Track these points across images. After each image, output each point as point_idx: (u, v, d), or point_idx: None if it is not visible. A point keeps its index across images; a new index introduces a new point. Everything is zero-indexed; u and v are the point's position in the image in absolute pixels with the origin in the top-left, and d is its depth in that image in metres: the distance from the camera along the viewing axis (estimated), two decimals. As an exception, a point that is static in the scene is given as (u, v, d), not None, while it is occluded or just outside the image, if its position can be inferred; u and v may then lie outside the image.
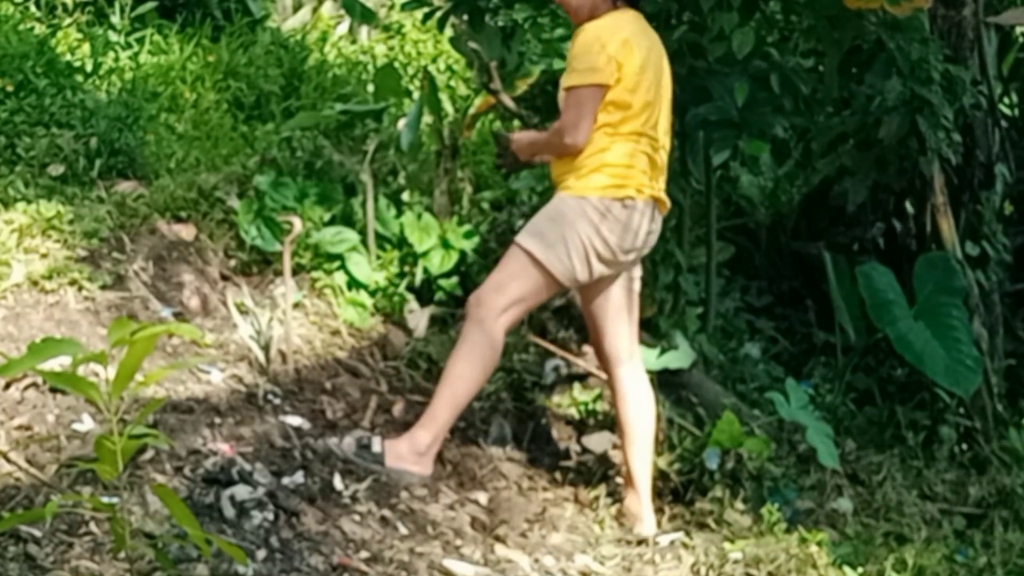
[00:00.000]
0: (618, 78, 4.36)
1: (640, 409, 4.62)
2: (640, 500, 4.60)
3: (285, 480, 4.13)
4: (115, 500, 3.31)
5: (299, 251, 5.50)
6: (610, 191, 4.38)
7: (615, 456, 4.97)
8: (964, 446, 6.12)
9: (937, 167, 6.38)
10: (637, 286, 4.68)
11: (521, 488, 4.79)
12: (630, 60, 4.38)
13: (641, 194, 4.42)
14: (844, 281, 6.51)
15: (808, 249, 6.97)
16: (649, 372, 5.31)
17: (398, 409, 4.93)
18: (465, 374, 4.41)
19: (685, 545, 4.38)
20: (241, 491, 3.92)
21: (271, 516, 3.87)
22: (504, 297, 4.42)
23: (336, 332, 5.30)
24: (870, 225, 6.86)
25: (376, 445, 4.44)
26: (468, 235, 5.77)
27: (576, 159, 4.41)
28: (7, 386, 4.16)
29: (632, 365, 4.66)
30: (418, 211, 5.84)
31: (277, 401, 4.68)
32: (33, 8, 7.62)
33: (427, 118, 6.16)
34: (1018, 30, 7.46)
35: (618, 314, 4.61)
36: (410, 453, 4.42)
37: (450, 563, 4.01)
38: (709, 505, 4.69)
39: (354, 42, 9.62)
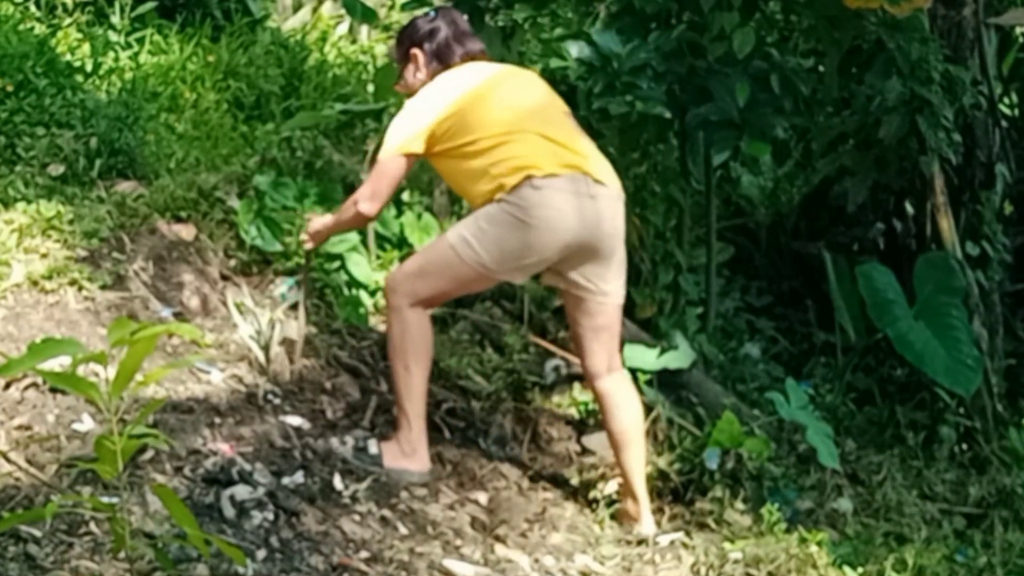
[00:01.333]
0: (440, 133, 4.50)
1: (626, 417, 4.61)
2: (639, 504, 4.60)
3: (285, 480, 4.13)
4: (115, 500, 3.31)
5: (299, 251, 5.49)
6: (513, 178, 4.36)
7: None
8: (964, 446, 6.12)
9: (937, 167, 6.38)
10: (612, 300, 4.58)
11: (521, 488, 4.79)
12: (458, 105, 4.50)
13: (542, 170, 4.36)
14: (844, 281, 6.51)
15: (808, 249, 6.97)
16: (649, 372, 5.32)
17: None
18: (405, 364, 4.52)
19: (685, 545, 4.38)
20: (241, 491, 3.92)
21: (271, 516, 3.88)
22: (422, 283, 4.52)
23: (336, 332, 5.30)
24: (870, 225, 6.86)
25: (373, 447, 4.51)
26: (468, 235, 5.76)
27: (479, 178, 4.47)
28: (7, 386, 4.16)
29: (612, 376, 4.63)
30: (418, 211, 5.84)
31: (277, 401, 4.68)
32: (33, 8, 7.61)
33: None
34: (1018, 30, 7.47)
35: (587, 332, 4.58)
36: (402, 453, 4.49)
37: (450, 563, 4.01)
38: (709, 505, 4.69)
39: (354, 42, 9.61)
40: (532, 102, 4.60)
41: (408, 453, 4.49)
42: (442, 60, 4.71)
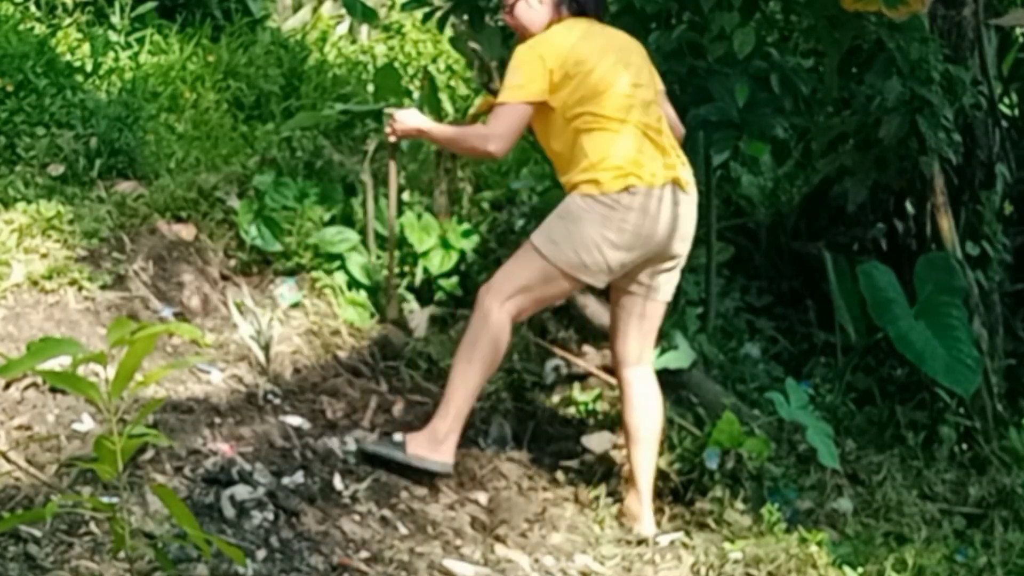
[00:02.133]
0: (558, 84, 4.41)
1: (644, 412, 4.63)
2: (641, 501, 4.60)
3: (285, 480, 4.13)
4: (115, 500, 3.31)
5: (299, 251, 5.50)
6: (615, 183, 4.38)
7: (615, 456, 4.97)
8: (964, 446, 6.11)
9: (937, 167, 6.38)
10: (661, 297, 4.64)
11: (521, 488, 4.78)
12: (579, 61, 4.43)
13: (643, 180, 4.40)
14: (844, 281, 6.50)
15: (808, 249, 6.97)
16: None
17: (398, 409, 4.93)
18: (472, 359, 4.44)
19: (685, 545, 4.38)
20: (241, 491, 3.92)
21: (271, 516, 3.88)
22: (510, 284, 4.47)
23: (336, 332, 5.30)
24: (870, 225, 6.86)
25: (398, 435, 4.52)
26: (468, 235, 5.77)
27: (579, 160, 4.44)
28: (7, 386, 4.16)
29: (640, 369, 4.66)
30: (418, 211, 5.83)
31: (277, 401, 4.69)
32: (33, 8, 7.62)
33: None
34: (1018, 30, 7.46)
35: (630, 318, 4.62)
36: (429, 441, 4.45)
37: (450, 563, 4.01)
38: (709, 505, 4.69)
39: (354, 42, 9.62)
40: (645, 86, 4.57)
41: (437, 441, 4.44)
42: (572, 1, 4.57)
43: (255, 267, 5.48)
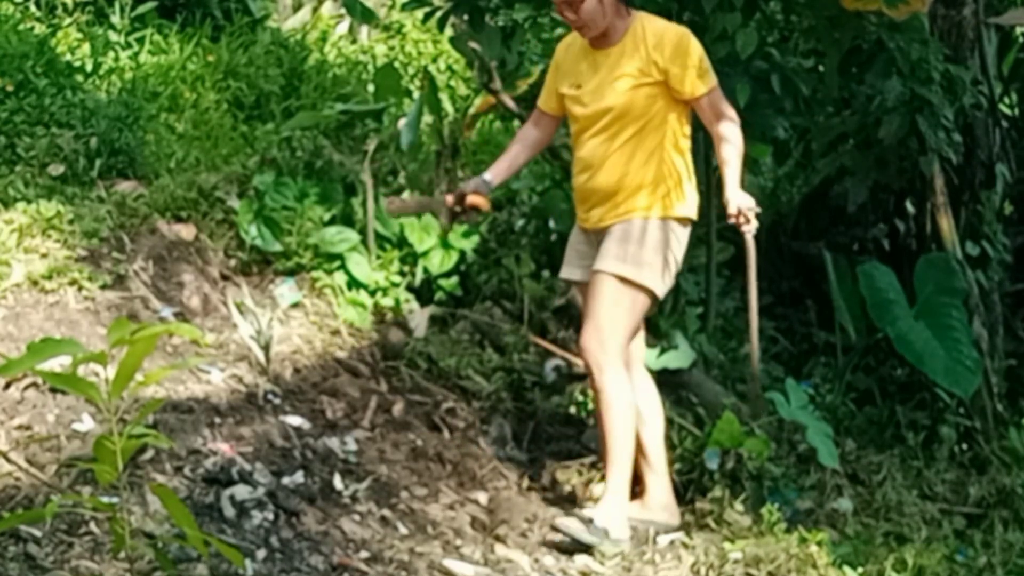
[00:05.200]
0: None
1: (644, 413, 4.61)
2: (607, 484, 4.50)
3: (285, 480, 4.13)
4: (115, 500, 3.31)
5: (299, 251, 5.50)
6: (682, 211, 4.47)
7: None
8: (964, 446, 6.11)
9: (937, 167, 6.38)
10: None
11: (521, 488, 4.79)
12: None
13: (693, 212, 4.52)
14: (844, 281, 6.51)
15: (808, 249, 6.97)
16: (649, 372, 5.31)
17: (398, 409, 4.93)
18: (628, 429, 4.41)
19: (685, 545, 4.38)
20: (241, 491, 3.92)
21: (271, 516, 3.88)
22: (620, 332, 4.40)
23: (336, 332, 5.30)
24: (870, 225, 6.86)
25: (597, 519, 4.34)
26: (468, 235, 5.77)
27: (652, 179, 4.42)
28: (7, 386, 4.16)
29: (634, 370, 4.64)
30: (418, 211, 5.84)
31: (277, 401, 4.68)
32: (33, 8, 7.62)
33: (427, 118, 6.15)
34: (1018, 30, 7.46)
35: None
36: (622, 513, 4.39)
37: (450, 563, 4.01)
38: (709, 505, 4.69)
39: (354, 42, 9.62)
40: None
41: (623, 510, 4.40)
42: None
43: (255, 267, 5.48)
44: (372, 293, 5.56)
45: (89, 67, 7.13)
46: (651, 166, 4.42)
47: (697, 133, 5.56)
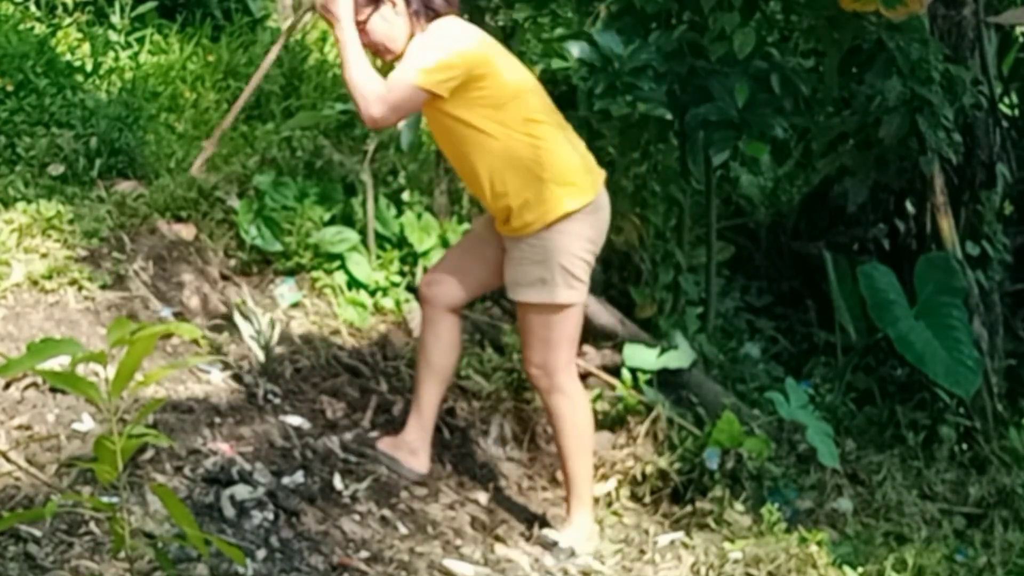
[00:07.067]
0: (470, 83, 4.05)
1: (457, 356, 4.59)
2: (426, 437, 4.48)
3: (285, 480, 4.13)
4: (115, 500, 3.31)
5: (299, 251, 5.50)
6: (566, 207, 4.14)
7: (615, 456, 4.98)
8: (964, 446, 6.12)
9: (937, 167, 6.38)
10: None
11: (521, 488, 4.79)
12: (494, 65, 4.13)
13: (580, 199, 4.18)
14: (844, 281, 6.51)
15: (808, 249, 6.98)
16: (649, 372, 5.32)
17: (398, 409, 4.92)
18: (583, 445, 4.39)
19: (685, 545, 4.38)
20: (241, 491, 3.92)
21: (271, 516, 3.87)
22: (557, 350, 4.28)
23: (336, 332, 5.30)
24: (870, 225, 6.86)
25: (562, 540, 4.35)
26: (468, 235, 5.76)
27: (513, 192, 4.12)
28: (7, 386, 4.16)
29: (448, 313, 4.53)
30: (418, 211, 5.83)
31: (277, 401, 4.68)
32: (33, 8, 7.61)
33: (427, 118, 6.14)
34: (1018, 30, 7.46)
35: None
36: (587, 529, 4.40)
37: (450, 563, 4.01)
38: (709, 505, 4.69)
39: (354, 42, 9.60)
40: (540, 86, 4.34)
41: (588, 531, 4.40)
42: (431, 6, 4.10)
43: (255, 267, 5.47)
44: (372, 293, 5.56)
45: (89, 67, 7.12)
46: (505, 180, 4.12)
47: (695, 133, 5.58)
